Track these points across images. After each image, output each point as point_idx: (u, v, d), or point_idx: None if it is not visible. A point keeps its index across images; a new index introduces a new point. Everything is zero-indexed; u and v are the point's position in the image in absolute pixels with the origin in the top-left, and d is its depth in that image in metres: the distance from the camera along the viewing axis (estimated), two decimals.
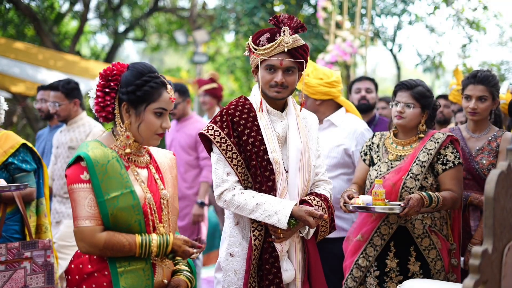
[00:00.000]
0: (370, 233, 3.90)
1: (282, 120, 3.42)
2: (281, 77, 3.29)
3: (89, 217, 2.63)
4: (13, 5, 14.57)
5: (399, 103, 3.88)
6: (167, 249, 2.70)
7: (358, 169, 4.15)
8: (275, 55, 3.26)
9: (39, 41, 15.36)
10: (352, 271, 3.96)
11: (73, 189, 2.66)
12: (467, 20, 12.69)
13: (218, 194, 3.31)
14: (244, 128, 3.33)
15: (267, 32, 3.29)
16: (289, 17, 3.31)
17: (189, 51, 21.50)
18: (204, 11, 19.64)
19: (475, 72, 4.16)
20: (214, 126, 3.33)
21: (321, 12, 9.45)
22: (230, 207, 3.29)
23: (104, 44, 22.26)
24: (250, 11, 13.11)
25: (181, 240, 2.73)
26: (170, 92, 2.79)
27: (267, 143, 3.32)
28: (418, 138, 3.92)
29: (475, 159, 4.11)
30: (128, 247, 2.64)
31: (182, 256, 2.73)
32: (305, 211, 3.17)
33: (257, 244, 3.28)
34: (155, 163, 2.94)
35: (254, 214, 3.23)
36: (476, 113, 4.12)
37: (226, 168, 3.31)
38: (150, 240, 2.67)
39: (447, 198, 3.69)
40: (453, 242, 3.89)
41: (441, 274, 3.78)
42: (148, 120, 2.74)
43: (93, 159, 2.65)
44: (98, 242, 2.62)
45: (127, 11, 19.65)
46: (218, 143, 3.29)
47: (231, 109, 3.38)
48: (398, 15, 13.69)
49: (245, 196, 3.24)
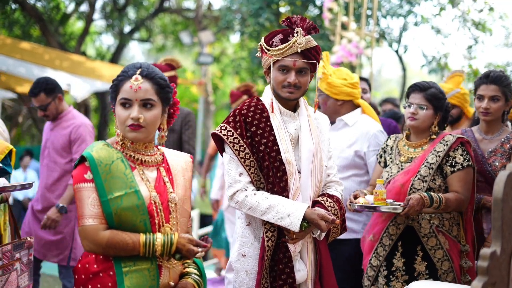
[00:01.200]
0: (380, 233, 3.94)
1: (294, 120, 3.42)
2: (294, 77, 3.29)
3: (92, 215, 2.65)
4: (19, 5, 14.60)
5: (412, 105, 3.89)
6: (172, 248, 2.69)
7: (375, 171, 4.21)
8: (288, 56, 3.27)
9: (44, 41, 15.38)
10: (367, 270, 4.01)
11: (77, 188, 2.68)
12: (473, 21, 12.65)
13: (230, 195, 3.30)
14: (257, 129, 3.32)
15: (280, 33, 3.29)
16: (302, 18, 3.31)
17: (194, 52, 21.54)
18: (209, 12, 19.65)
19: (487, 72, 4.14)
20: (227, 126, 3.32)
21: (327, 13, 9.44)
22: (242, 208, 3.28)
23: (109, 45, 22.32)
24: (255, 12, 13.10)
25: (185, 239, 2.72)
26: (132, 82, 2.73)
27: (280, 143, 3.32)
28: (429, 140, 3.93)
29: (488, 161, 4.09)
30: (132, 245, 2.64)
31: (187, 255, 2.70)
32: (318, 214, 3.16)
33: (269, 245, 3.28)
34: (166, 165, 2.93)
35: (266, 216, 3.22)
36: (488, 113, 4.09)
37: (238, 168, 3.30)
38: (154, 239, 2.67)
39: (451, 199, 3.69)
40: (465, 244, 3.88)
41: (448, 275, 3.78)
42: (117, 113, 2.76)
43: (96, 159, 2.67)
44: (101, 240, 2.63)
45: (132, 11, 19.66)
46: (231, 143, 3.28)
47: (244, 109, 3.37)
48: (404, 16, 13.66)
49: (257, 197, 3.24)
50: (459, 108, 5.38)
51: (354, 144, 4.44)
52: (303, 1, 13.47)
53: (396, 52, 15.32)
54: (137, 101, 2.73)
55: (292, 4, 13.61)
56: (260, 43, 3.38)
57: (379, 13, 12.97)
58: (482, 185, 4.11)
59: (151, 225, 2.72)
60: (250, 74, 17.10)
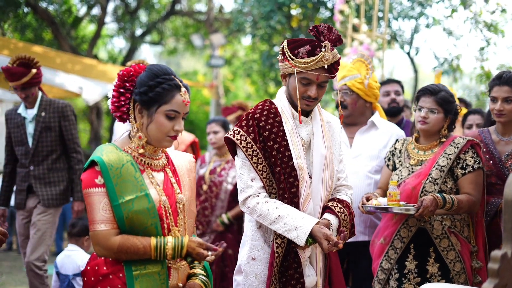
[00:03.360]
0: (391, 236, 3.95)
1: (307, 125, 3.39)
2: (315, 91, 3.26)
3: (104, 221, 2.63)
4: (31, 9, 14.68)
5: (423, 108, 3.89)
6: (182, 251, 2.68)
7: (383, 174, 4.21)
8: (313, 70, 3.21)
9: (56, 45, 15.46)
10: (378, 273, 4.01)
11: (88, 193, 2.66)
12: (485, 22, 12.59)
13: (242, 200, 3.28)
14: (270, 133, 3.30)
15: (308, 45, 3.20)
16: (329, 28, 3.24)
17: (206, 55, 21.56)
18: (220, 14, 19.66)
19: (500, 74, 4.12)
20: (240, 130, 3.30)
21: (338, 15, 9.42)
22: (253, 214, 3.27)
23: (121, 48, 22.39)
24: (266, 14, 13.10)
25: (195, 242, 2.71)
26: (183, 95, 2.75)
27: (292, 149, 3.30)
28: (439, 142, 3.92)
29: (505, 164, 4.07)
30: (143, 250, 2.63)
31: (197, 258, 2.70)
32: (324, 234, 3.11)
33: (279, 252, 3.26)
34: (172, 166, 2.93)
35: (274, 226, 3.20)
36: (502, 114, 4.08)
37: (251, 173, 3.28)
38: (165, 243, 2.66)
39: (463, 201, 3.69)
40: (475, 245, 3.88)
41: (461, 276, 3.78)
42: (159, 121, 2.72)
43: (107, 163, 2.65)
44: (112, 245, 2.62)
45: (144, 14, 19.72)
46: (244, 148, 3.26)
47: (257, 113, 3.34)
48: (416, 18, 13.63)
49: (268, 206, 3.22)
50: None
51: (388, 144, 4.45)
52: (314, 3, 13.45)
53: (407, 54, 15.29)
54: (182, 114, 2.78)
55: (303, 6, 13.60)
56: (283, 46, 3.30)
57: (390, 15, 12.95)
58: (500, 188, 4.07)
59: (161, 228, 2.72)
60: (262, 77, 17.10)
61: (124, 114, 2.79)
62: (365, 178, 4.38)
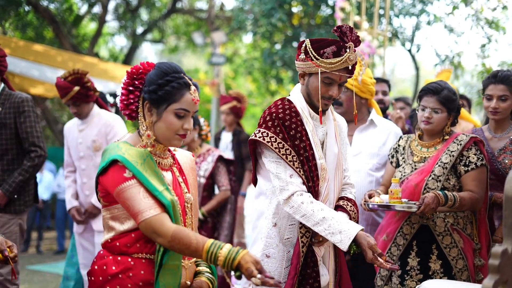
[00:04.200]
0: (394, 233, 3.96)
1: (323, 126, 3.40)
2: (337, 91, 3.27)
3: (150, 206, 2.56)
4: (32, 7, 14.67)
5: (426, 108, 3.88)
6: (234, 262, 2.47)
7: (386, 171, 4.22)
8: (336, 70, 3.22)
9: (57, 43, 15.45)
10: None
11: (121, 189, 2.58)
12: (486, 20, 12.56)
13: (285, 198, 3.22)
14: (296, 133, 3.28)
15: (334, 45, 3.21)
16: (350, 29, 3.24)
17: (207, 53, 21.56)
18: (221, 12, 19.66)
19: (495, 72, 4.15)
20: (268, 132, 3.26)
21: (339, 13, 9.41)
22: (296, 214, 3.21)
23: (122, 46, 22.38)
24: (267, 12, 13.10)
25: (252, 258, 2.49)
26: (193, 94, 2.73)
27: (315, 149, 3.30)
28: (442, 140, 3.93)
29: (498, 159, 4.11)
30: (195, 246, 2.52)
31: (245, 274, 2.48)
32: (368, 242, 3.09)
33: (304, 251, 3.25)
34: (178, 165, 2.92)
35: (318, 227, 3.16)
36: (497, 112, 4.12)
37: (287, 170, 3.23)
38: (220, 247, 2.51)
39: (465, 198, 3.69)
40: (478, 242, 3.89)
41: (463, 273, 3.78)
42: (169, 120, 2.70)
43: (130, 160, 2.60)
44: (167, 230, 2.53)
45: (145, 12, 19.70)
46: (276, 149, 3.22)
47: (281, 112, 3.31)
48: (417, 15, 13.62)
49: (313, 206, 3.17)
50: None
51: (387, 142, 4.47)
52: (315, 1, 13.45)
53: (409, 51, 15.28)
54: (191, 112, 2.75)
55: (304, 4, 13.59)
56: (305, 45, 3.28)
57: (391, 12, 12.94)
58: (493, 182, 4.13)
59: None
60: (263, 74, 17.10)
61: (133, 112, 2.76)
62: (366, 175, 4.39)
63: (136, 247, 2.67)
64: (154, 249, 2.67)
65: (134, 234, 2.68)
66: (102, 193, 2.69)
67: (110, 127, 5.43)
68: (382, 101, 5.65)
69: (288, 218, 3.32)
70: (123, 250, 2.68)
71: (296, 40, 14.10)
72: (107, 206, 2.71)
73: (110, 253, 2.71)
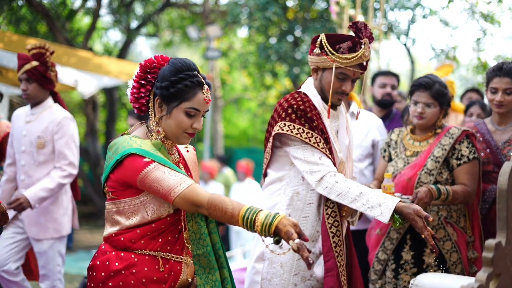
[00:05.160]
0: (387, 227, 3.97)
1: (336, 121, 3.45)
2: (350, 87, 3.32)
3: (180, 181, 2.54)
4: (25, 1, 14.61)
5: (418, 103, 3.88)
6: (271, 227, 2.41)
7: (379, 166, 4.23)
8: (351, 66, 3.25)
9: (51, 37, 15.39)
10: (374, 264, 4.03)
11: (145, 174, 2.55)
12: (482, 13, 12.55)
13: (317, 180, 3.23)
14: (318, 124, 3.30)
15: (349, 41, 3.25)
16: (365, 25, 3.29)
17: (202, 47, 21.49)
18: (216, 6, 19.61)
19: (500, 65, 4.11)
20: (294, 124, 3.29)
21: (334, 6, 9.40)
22: (331, 194, 3.21)
23: (116, 41, 22.29)
24: (262, 6, 13.09)
25: (290, 221, 2.43)
26: (206, 93, 2.70)
27: (334, 143, 3.34)
28: (434, 133, 3.93)
29: (503, 151, 4.10)
30: (231, 212, 2.47)
31: (284, 237, 2.40)
32: (414, 209, 3.05)
33: (336, 241, 3.29)
34: (183, 160, 2.91)
35: (355, 204, 3.16)
36: (502, 105, 4.09)
37: (315, 154, 3.26)
38: (256, 212, 2.45)
39: (458, 191, 3.70)
40: (471, 235, 3.89)
41: (457, 267, 3.80)
42: (179, 118, 2.68)
43: (147, 150, 2.60)
44: (203, 198, 2.51)
45: (139, 7, 19.63)
46: (306, 139, 3.25)
47: (301, 105, 3.33)
48: (412, 8, 13.61)
49: (348, 184, 3.19)
50: None
51: (369, 133, 4.50)
52: None
53: (404, 45, 15.28)
54: (202, 112, 2.73)
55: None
56: (320, 40, 3.32)
57: (386, 6, 12.93)
58: (496, 175, 4.07)
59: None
60: (258, 69, 17.08)
61: (143, 106, 2.74)
62: None
63: (140, 244, 2.66)
64: (158, 246, 2.67)
65: (140, 230, 2.67)
66: (113, 188, 2.67)
67: (59, 126, 4.79)
68: (390, 94, 5.60)
69: (302, 211, 3.35)
70: (127, 245, 2.67)
71: (291, 34, 14.09)
72: (114, 200, 2.69)
73: (113, 248, 2.70)
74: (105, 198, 2.76)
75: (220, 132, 18.71)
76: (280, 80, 17.10)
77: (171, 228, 2.70)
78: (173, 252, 2.70)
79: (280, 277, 3.36)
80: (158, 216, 2.67)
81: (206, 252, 2.69)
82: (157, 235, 2.67)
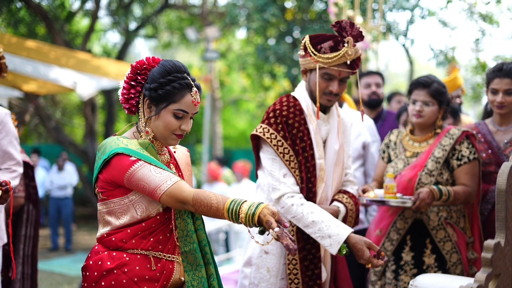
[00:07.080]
0: (387, 228, 3.96)
1: (326, 124, 3.42)
2: (337, 87, 3.28)
3: (166, 178, 2.56)
4: (24, 4, 14.61)
5: (417, 102, 3.88)
6: (254, 217, 2.44)
7: (378, 167, 4.21)
8: (335, 65, 3.23)
9: (50, 39, 15.40)
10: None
11: (131, 172, 2.57)
12: (480, 13, 12.56)
13: (276, 198, 3.26)
14: (297, 132, 3.30)
15: (331, 40, 3.24)
16: (351, 24, 3.26)
17: (200, 48, 21.50)
18: (215, 7, 19.61)
19: (500, 65, 4.09)
20: (269, 128, 3.29)
21: (332, 7, 9.39)
22: (287, 215, 3.24)
23: (115, 42, 22.32)
24: (261, 7, 13.08)
25: (269, 210, 2.46)
26: (194, 96, 2.72)
27: (316, 148, 3.31)
28: (434, 134, 3.92)
29: (505, 152, 4.08)
30: (216, 206, 2.50)
31: (265, 226, 2.44)
32: (365, 242, 3.07)
33: (300, 247, 3.31)
34: (174, 161, 2.92)
35: (308, 230, 3.19)
36: (503, 106, 4.07)
37: (282, 169, 3.27)
38: (240, 204, 2.48)
39: (459, 192, 3.70)
40: (471, 236, 3.90)
41: (457, 267, 3.79)
42: (167, 119, 2.69)
43: (134, 150, 2.62)
44: (188, 195, 2.53)
45: (138, 8, 19.65)
46: (275, 146, 3.25)
47: (285, 110, 3.33)
48: (410, 9, 13.61)
49: (303, 209, 3.19)
50: None
51: (360, 135, 4.48)
52: None
53: (403, 45, 15.28)
54: (191, 114, 2.74)
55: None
56: (304, 42, 3.32)
57: (385, 7, 12.92)
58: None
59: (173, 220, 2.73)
60: (257, 70, 17.08)
61: (133, 107, 2.76)
62: None
63: (131, 243, 2.67)
64: (150, 245, 2.68)
65: (130, 230, 2.68)
66: (102, 188, 2.69)
67: (2, 124, 4.06)
68: (375, 93, 5.60)
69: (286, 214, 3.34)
70: (118, 245, 2.68)
71: (290, 35, 14.09)
72: (104, 200, 2.71)
73: (105, 248, 2.71)
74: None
75: (218, 133, 18.73)
76: (278, 81, 17.10)
77: (162, 227, 2.72)
78: (165, 251, 2.71)
79: (267, 281, 3.37)
80: (147, 215, 2.69)
81: (192, 249, 2.72)
82: (148, 234, 2.69)
